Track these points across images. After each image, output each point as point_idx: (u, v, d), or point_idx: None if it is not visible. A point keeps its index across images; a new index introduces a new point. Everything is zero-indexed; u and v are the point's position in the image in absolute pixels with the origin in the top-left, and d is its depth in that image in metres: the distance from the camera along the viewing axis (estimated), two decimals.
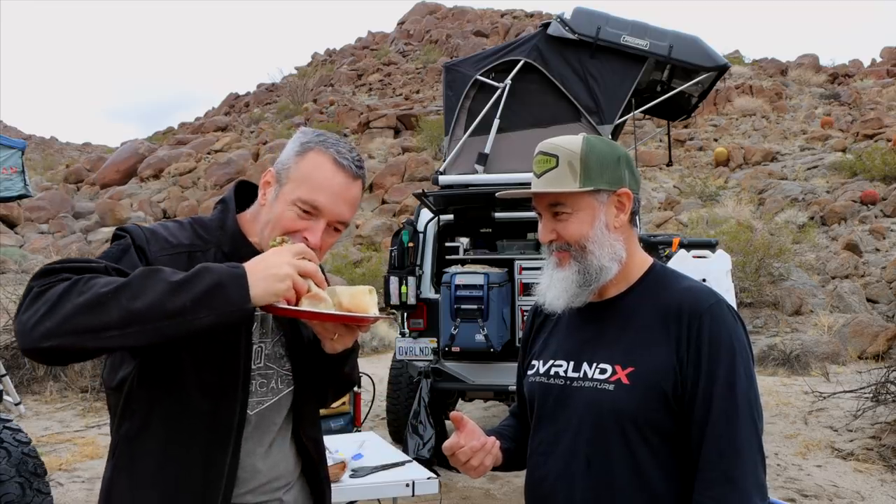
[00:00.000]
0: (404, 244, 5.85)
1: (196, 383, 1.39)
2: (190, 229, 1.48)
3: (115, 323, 1.17)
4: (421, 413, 5.49)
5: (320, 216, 1.42)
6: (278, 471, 1.53)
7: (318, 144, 1.44)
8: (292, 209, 1.41)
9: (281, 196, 1.43)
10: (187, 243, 1.44)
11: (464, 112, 6.03)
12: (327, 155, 1.43)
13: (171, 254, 1.41)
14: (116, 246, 1.40)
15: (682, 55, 5.77)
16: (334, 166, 1.43)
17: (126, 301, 1.18)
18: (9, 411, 6.42)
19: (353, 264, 16.59)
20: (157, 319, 1.18)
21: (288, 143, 1.50)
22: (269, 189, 1.46)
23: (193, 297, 1.20)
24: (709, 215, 16.53)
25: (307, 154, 1.44)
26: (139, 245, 1.39)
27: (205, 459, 1.40)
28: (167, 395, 1.39)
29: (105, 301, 1.18)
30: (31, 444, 3.72)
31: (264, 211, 1.46)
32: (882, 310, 11.98)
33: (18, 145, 5.51)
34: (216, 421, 1.41)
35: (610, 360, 1.47)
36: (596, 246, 1.49)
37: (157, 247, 1.41)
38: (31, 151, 32.98)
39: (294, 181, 1.43)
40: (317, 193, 1.41)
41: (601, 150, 1.51)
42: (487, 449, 1.58)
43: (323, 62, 48.78)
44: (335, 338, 1.42)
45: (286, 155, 1.46)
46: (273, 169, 1.47)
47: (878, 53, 36.66)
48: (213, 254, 1.45)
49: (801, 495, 5.11)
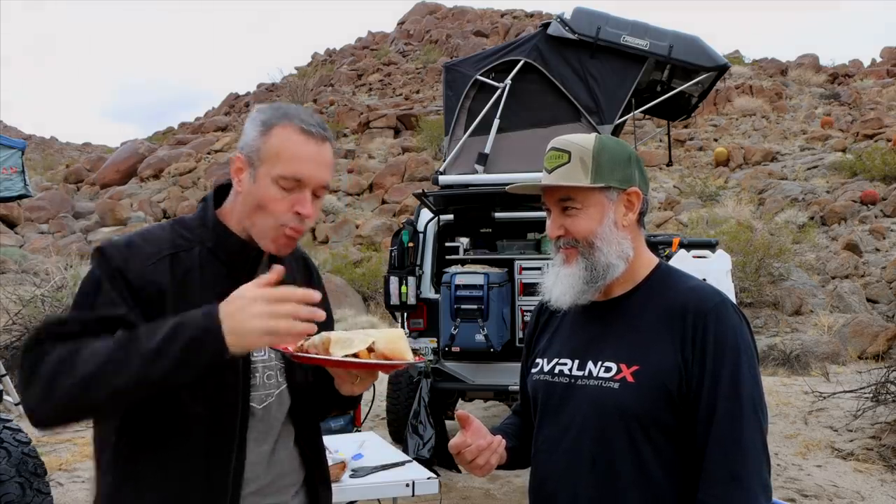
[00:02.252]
0: (404, 244, 5.85)
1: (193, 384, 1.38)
2: (171, 231, 1.48)
3: (105, 400, 1.26)
4: (421, 413, 5.49)
5: (304, 186, 1.44)
6: (283, 469, 1.52)
7: (280, 119, 1.45)
8: (274, 187, 1.42)
9: (259, 177, 1.43)
10: (168, 246, 1.44)
11: (464, 112, 6.03)
12: (293, 126, 1.44)
13: (155, 262, 1.41)
14: (90, 283, 1.39)
15: (682, 55, 5.77)
16: (303, 135, 1.44)
17: (110, 378, 1.23)
18: (9, 411, 6.41)
19: (353, 264, 16.59)
20: (142, 389, 1.25)
21: (246, 124, 1.50)
22: (243, 174, 1.46)
23: (172, 362, 1.22)
24: (709, 215, 16.54)
25: (273, 130, 1.44)
26: (116, 267, 1.38)
27: (207, 458, 1.39)
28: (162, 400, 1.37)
29: (91, 383, 1.23)
30: (31, 444, 3.72)
31: (244, 197, 1.46)
32: (882, 310, 11.99)
33: (18, 145, 5.51)
34: (217, 420, 1.40)
35: (615, 358, 1.47)
36: (604, 243, 1.49)
37: (138, 261, 1.40)
38: (31, 151, 32.96)
39: (268, 160, 1.43)
40: (295, 165, 1.42)
41: (613, 149, 1.53)
42: (493, 448, 1.57)
43: (323, 62, 48.76)
44: (356, 381, 1.42)
45: (250, 136, 1.46)
46: (241, 154, 1.46)
47: (878, 53, 36.66)
48: (197, 251, 1.45)
49: (801, 495, 5.11)
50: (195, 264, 1.44)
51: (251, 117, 1.50)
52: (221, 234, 1.48)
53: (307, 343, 1.33)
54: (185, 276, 1.42)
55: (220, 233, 1.48)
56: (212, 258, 1.47)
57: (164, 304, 1.37)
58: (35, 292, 9.27)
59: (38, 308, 8.88)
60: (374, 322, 12.38)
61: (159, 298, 1.38)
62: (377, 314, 13.17)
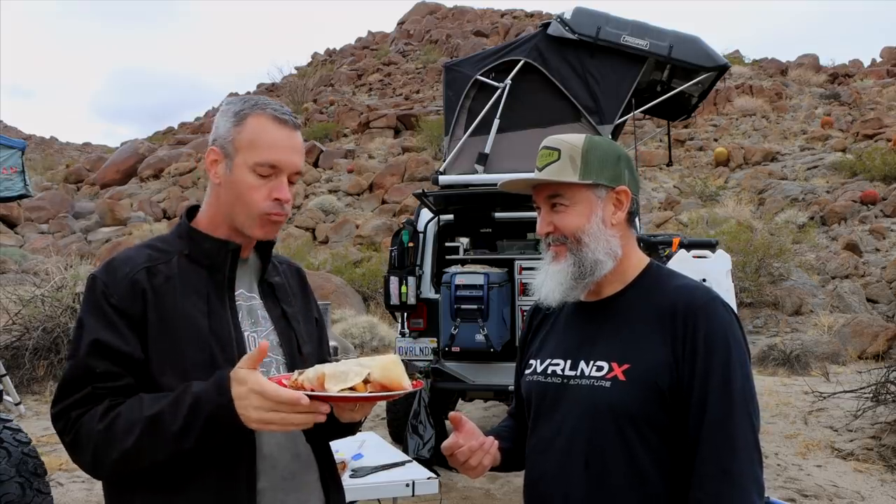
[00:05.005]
0: (404, 244, 5.85)
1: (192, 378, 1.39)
2: (147, 248, 1.51)
3: (147, 466, 1.35)
4: (421, 413, 5.49)
5: (280, 173, 1.48)
6: (298, 465, 1.52)
7: (252, 109, 1.48)
8: (251, 175, 1.46)
9: (235, 168, 1.47)
10: (143, 261, 1.47)
11: (464, 112, 6.03)
12: (266, 115, 1.48)
13: (131, 282, 1.43)
14: (91, 314, 1.42)
15: (682, 55, 5.77)
16: (276, 123, 1.48)
17: (146, 455, 1.33)
18: (9, 411, 6.42)
19: (353, 264, 16.59)
20: (177, 457, 1.34)
21: (217, 117, 1.53)
22: (219, 166, 1.50)
23: (199, 437, 1.31)
24: (709, 215, 16.55)
25: (246, 121, 1.47)
26: (103, 295, 1.42)
27: (219, 471, 1.40)
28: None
29: (132, 458, 1.34)
30: (31, 444, 3.72)
31: (222, 189, 1.50)
32: (882, 310, 11.99)
33: (18, 145, 5.51)
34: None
35: (606, 357, 1.48)
36: (591, 239, 1.51)
37: (118, 291, 1.42)
38: (31, 151, 32.96)
39: (244, 150, 1.47)
40: (271, 153, 1.46)
41: (602, 147, 1.55)
42: (486, 449, 1.58)
43: (323, 62, 48.76)
44: (356, 408, 1.43)
45: (223, 128, 1.49)
46: (215, 147, 1.50)
47: (878, 53, 36.65)
48: (175, 261, 1.48)
49: (801, 495, 5.11)
50: (174, 272, 1.47)
51: (222, 110, 1.53)
52: (196, 239, 1.52)
53: (301, 378, 1.35)
54: (165, 283, 1.45)
55: (194, 237, 1.52)
56: (191, 265, 1.49)
57: (145, 315, 1.41)
58: (35, 292, 9.26)
59: (38, 308, 8.87)
60: (374, 322, 12.37)
61: (142, 311, 1.41)
62: (377, 314, 13.17)
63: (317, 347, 1.68)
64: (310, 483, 1.54)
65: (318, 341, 1.70)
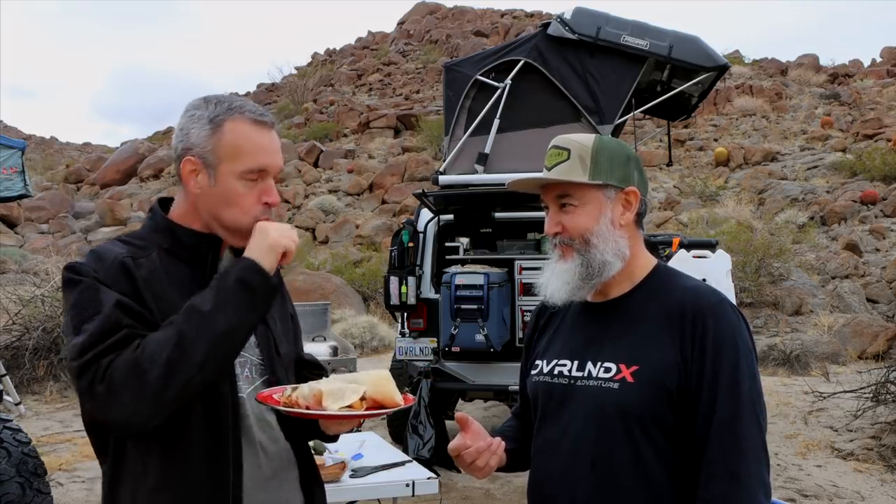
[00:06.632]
0: (404, 244, 5.85)
1: None
2: (125, 243, 1.47)
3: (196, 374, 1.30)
4: (421, 413, 5.49)
5: (268, 175, 1.47)
6: (281, 464, 1.53)
7: (228, 113, 1.44)
8: (239, 183, 1.44)
9: (220, 176, 1.43)
10: (124, 251, 1.43)
11: (464, 112, 6.03)
12: (244, 119, 1.44)
13: (121, 265, 1.40)
14: (85, 295, 1.36)
15: (682, 55, 5.77)
16: (255, 126, 1.45)
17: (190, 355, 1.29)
18: (9, 411, 6.41)
19: (353, 264, 16.59)
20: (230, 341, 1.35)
21: (185, 122, 1.46)
22: (199, 176, 1.44)
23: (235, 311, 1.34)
24: (709, 215, 16.55)
25: (223, 127, 1.43)
26: (96, 279, 1.38)
27: (208, 457, 1.40)
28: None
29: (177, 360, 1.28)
30: (31, 444, 3.72)
31: (204, 199, 1.45)
32: (882, 310, 11.99)
33: (18, 145, 5.51)
34: (211, 416, 1.41)
35: (614, 358, 1.48)
36: (600, 240, 1.50)
37: (109, 275, 1.38)
38: (31, 151, 32.91)
39: (227, 157, 1.43)
40: (258, 158, 1.44)
41: (612, 148, 1.54)
42: (493, 450, 1.58)
43: (323, 62, 48.74)
44: (343, 423, 1.46)
45: (198, 136, 1.43)
46: (192, 156, 1.43)
47: (878, 53, 36.61)
48: (155, 254, 1.45)
49: (801, 495, 5.11)
50: (157, 265, 1.43)
51: (189, 115, 1.47)
52: (175, 232, 1.48)
53: (296, 394, 1.36)
54: (151, 275, 1.41)
55: (174, 230, 1.48)
56: (171, 258, 1.46)
57: (141, 295, 1.38)
58: (35, 292, 9.27)
59: (38, 308, 8.88)
60: (374, 322, 12.38)
61: (135, 291, 1.38)
62: (377, 314, 13.16)
63: (292, 345, 1.68)
64: (290, 480, 1.56)
65: (294, 339, 1.70)
